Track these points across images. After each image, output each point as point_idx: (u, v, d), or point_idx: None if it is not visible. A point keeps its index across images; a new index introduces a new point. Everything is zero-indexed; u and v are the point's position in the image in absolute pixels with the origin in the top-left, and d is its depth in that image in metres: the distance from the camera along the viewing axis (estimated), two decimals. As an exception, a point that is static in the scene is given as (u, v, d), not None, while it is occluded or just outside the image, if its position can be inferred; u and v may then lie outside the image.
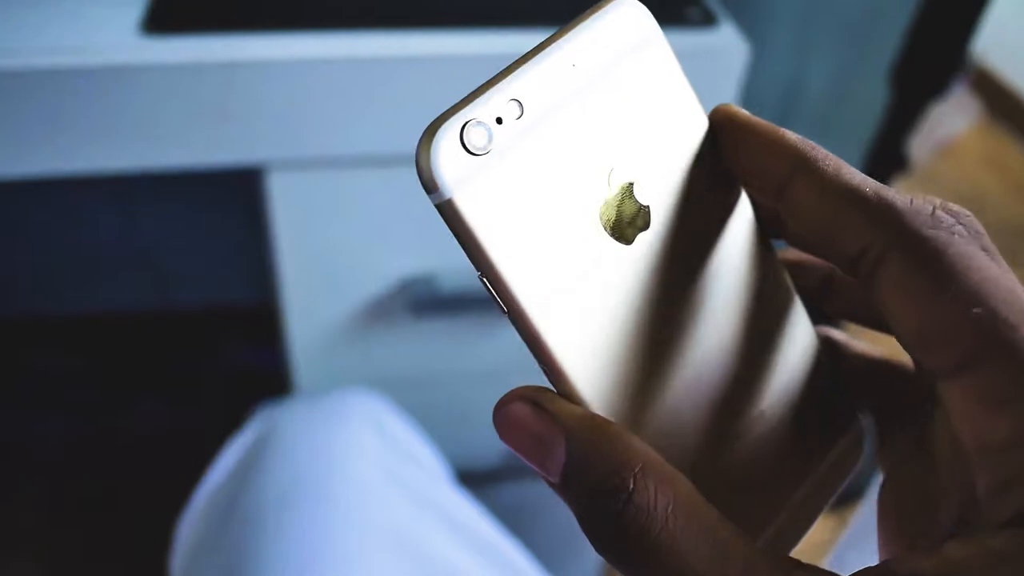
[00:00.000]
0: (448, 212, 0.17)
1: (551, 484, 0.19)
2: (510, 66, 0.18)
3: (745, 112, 0.21)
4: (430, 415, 0.70)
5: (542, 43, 0.19)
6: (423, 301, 0.64)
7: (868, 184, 0.19)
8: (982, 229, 0.19)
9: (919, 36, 0.81)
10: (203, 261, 1.00)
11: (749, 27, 0.60)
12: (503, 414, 0.19)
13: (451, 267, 0.65)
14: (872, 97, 0.95)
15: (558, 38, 0.19)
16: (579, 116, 0.18)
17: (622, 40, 0.19)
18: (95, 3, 0.53)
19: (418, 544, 0.53)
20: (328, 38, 0.53)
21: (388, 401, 0.66)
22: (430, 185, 0.17)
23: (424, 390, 0.73)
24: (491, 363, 0.73)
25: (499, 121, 0.17)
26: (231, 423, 0.66)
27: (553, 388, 0.19)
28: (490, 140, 0.17)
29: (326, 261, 0.62)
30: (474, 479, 0.78)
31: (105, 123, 0.51)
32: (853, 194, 0.18)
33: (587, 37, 0.19)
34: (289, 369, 0.69)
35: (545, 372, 0.19)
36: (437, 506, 0.57)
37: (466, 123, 0.17)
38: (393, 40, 0.53)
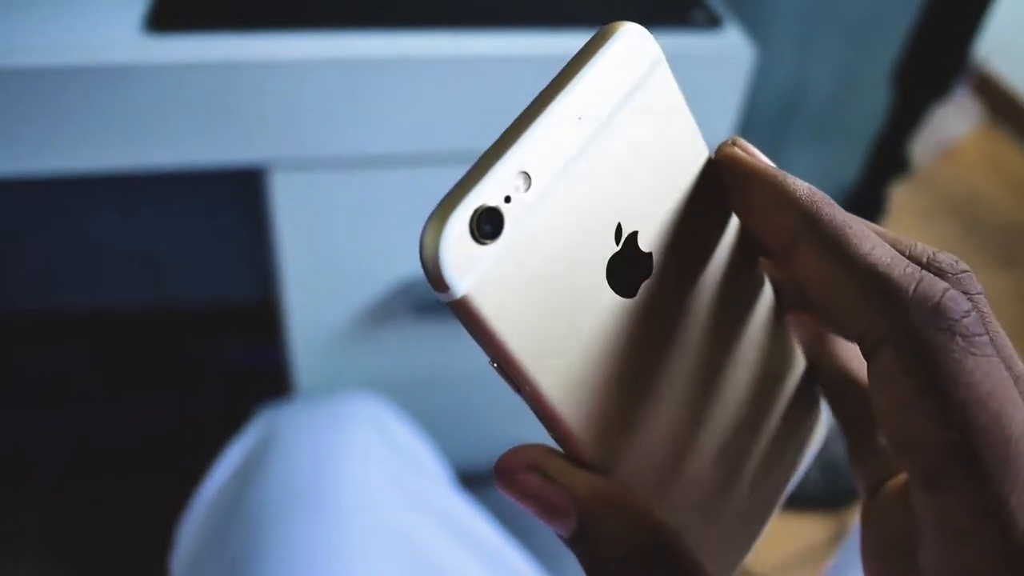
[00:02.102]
0: (460, 310, 0.16)
1: (560, 537, 0.19)
2: (514, 127, 0.17)
3: (750, 157, 0.19)
4: (431, 417, 0.70)
5: (545, 93, 0.17)
6: (425, 303, 0.64)
7: (873, 255, 0.17)
8: (988, 310, 0.18)
9: (922, 39, 0.81)
10: (204, 259, 1.00)
11: (752, 29, 0.60)
12: (510, 480, 0.18)
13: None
14: (874, 99, 0.95)
15: (562, 85, 0.18)
16: (586, 174, 0.17)
17: (626, 77, 0.18)
18: (98, 2, 0.53)
19: (419, 547, 0.53)
20: (331, 38, 0.53)
21: (389, 404, 0.66)
22: (439, 285, 0.15)
23: (425, 392, 0.73)
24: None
25: (507, 200, 0.16)
26: (231, 420, 0.66)
27: (559, 447, 0.18)
28: (500, 224, 0.16)
29: (328, 262, 0.62)
30: (474, 481, 0.78)
31: (107, 122, 0.51)
32: (855, 269, 0.17)
33: (591, 80, 0.18)
34: (290, 369, 0.69)
35: (555, 439, 0.18)
36: (439, 509, 0.57)
37: (476, 210, 0.16)
38: (397, 41, 0.53)
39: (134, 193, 0.91)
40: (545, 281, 0.16)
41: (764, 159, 0.20)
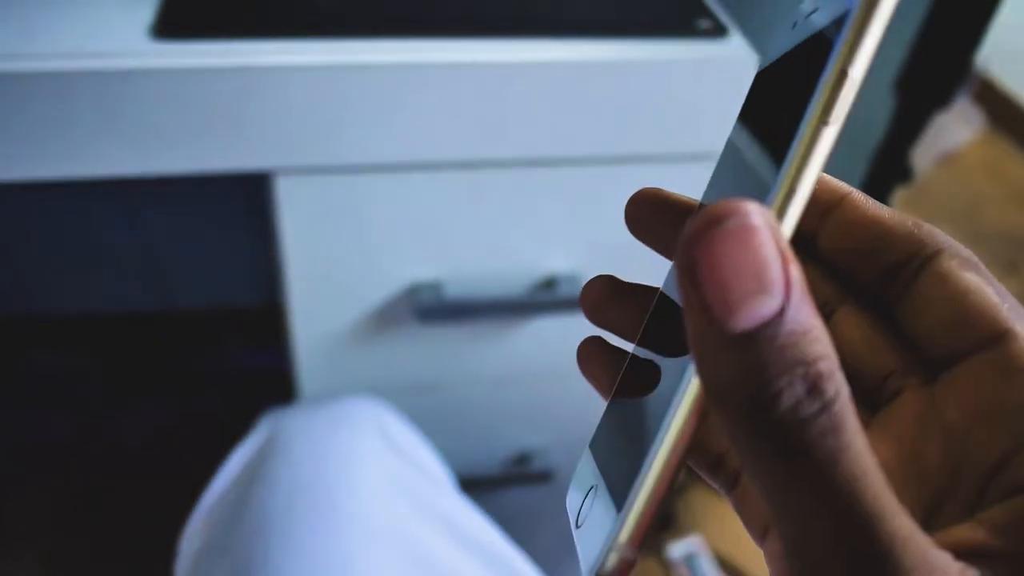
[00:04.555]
0: None
1: (696, 327, 0.15)
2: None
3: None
4: (434, 421, 0.70)
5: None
6: (429, 308, 0.64)
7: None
8: None
9: (923, 47, 0.81)
10: (207, 262, 1.00)
11: (754, 38, 0.60)
12: (727, 227, 0.15)
13: (458, 274, 0.65)
14: (876, 107, 0.95)
15: None
16: None
17: None
18: (105, 7, 0.53)
19: (423, 551, 0.53)
20: (338, 44, 0.53)
21: (393, 408, 0.66)
22: None
23: (429, 396, 0.73)
24: (497, 370, 0.73)
25: None
26: (234, 424, 0.67)
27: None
28: None
29: (333, 266, 0.62)
30: (477, 486, 0.78)
31: (113, 127, 0.51)
32: (895, 215, 0.20)
33: None
34: (294, 373, 0.69)
35: None
36: (442, 513, 0.58)
37: None
38: (402, 47, 0.54)
39: (138, 197, 0.91)
40: None
41: None
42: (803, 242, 0.22)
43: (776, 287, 0.15)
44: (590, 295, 0.25)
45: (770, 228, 0.15)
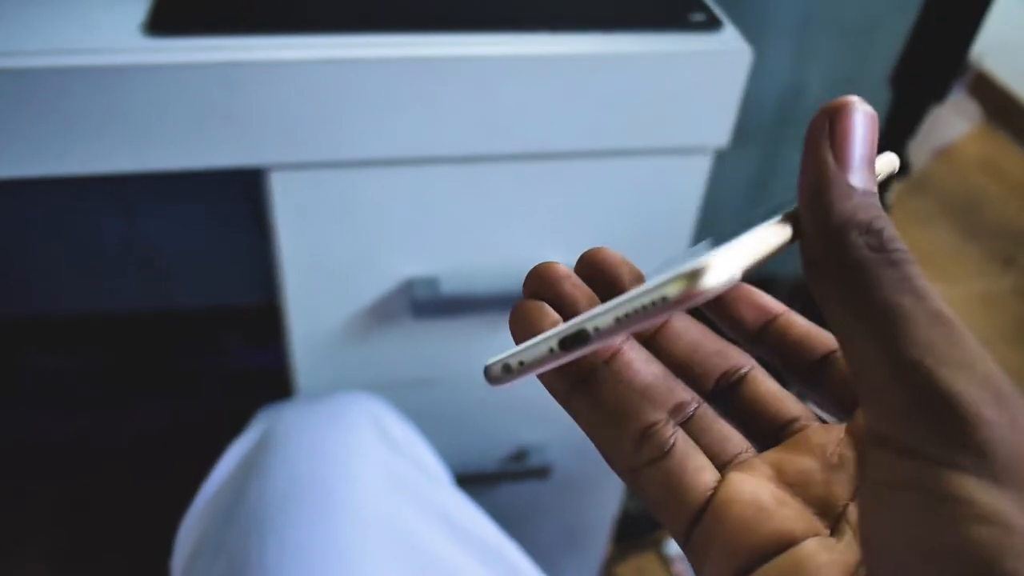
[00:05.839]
0: None
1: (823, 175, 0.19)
2: None
3: None
4: (431, 417, 0.70)
5: None
6: (425, 303, 0.64)
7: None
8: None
9: (919, 41, 0.81)
10: (204, 261, 1.00)
11: (750, 32, 0.60)
12: (862, 109, 0.20)
13: (453, 269, 0.65)
14: (872, 101, 0.95)
15: None
16: None
17: None
18: (97, 4, 0.53)
19: (419, 545, 0.53)
20: (330, 40, 0.53)
21: (389, 404, 0.66)
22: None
23: (425, 392, 0.73)
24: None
25: None
26: (232, 422, 0.67)
27: None
28: None
29: (328, 262, 0.62)
30: (475, 482, 0.78)
31: (107, 124, 0.52)
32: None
33: None
34: (291, 370, 0.69)
35: None
36: (438, 507, 0.58)
37: None
38: (396, 42, 0.54)
39: (136, 195, 0.91)
40: None
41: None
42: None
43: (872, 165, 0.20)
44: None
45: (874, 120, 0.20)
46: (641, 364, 0.24)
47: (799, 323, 0.25)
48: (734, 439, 0.23)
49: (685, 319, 0.25)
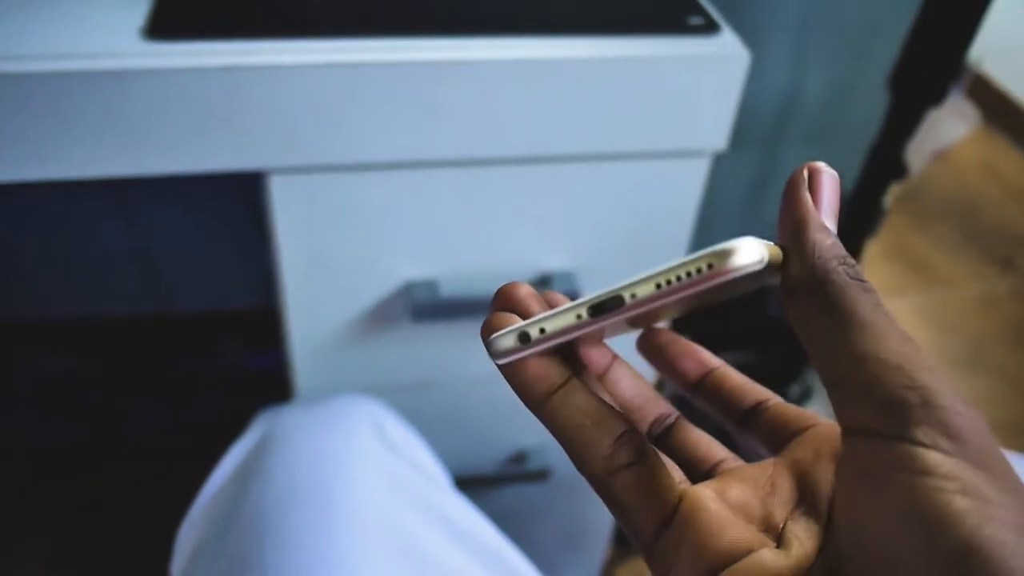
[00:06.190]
0: None
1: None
2: None
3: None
4: (431, 420, 0.70)
5: None
6: (425, 306, 0.64)
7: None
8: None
9: (917, 43, 0.81)
10: (204, 264, 1.00)
11: (747, 35, 0.60)
12: (830, 173, 0.23)
13: (452, 272, 0.65)
14: (870, 104, 0.96)
15: None
16: None
17: None
18: (97, 8, 0.53)
19: (419, 548, 0.53)
20: (329, 44, 0.53)
21: (389, 406, 0.66)
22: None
23: (424, 394, 0.73)
24: (491, 368, 0.73)
25: None
26: (231, 424, 0.67)
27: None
28: None
29: (328, 265, 0.63)
30: (474, 484, 0.79)
31: (107, 128, 0.52)
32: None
33: None
34: (290, 372, 0.69)
35: None
36: (437, 509, 0.58)
37: None
38: (394, 45, 0.54)
39: (135, 199, 0.91)
40: None
41: None
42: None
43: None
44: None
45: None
46: (629, 380, 0.29)
47: (733, 375, 0.30)
48: (676, 470, 0.26)
49: (624, 368, 0.29)
